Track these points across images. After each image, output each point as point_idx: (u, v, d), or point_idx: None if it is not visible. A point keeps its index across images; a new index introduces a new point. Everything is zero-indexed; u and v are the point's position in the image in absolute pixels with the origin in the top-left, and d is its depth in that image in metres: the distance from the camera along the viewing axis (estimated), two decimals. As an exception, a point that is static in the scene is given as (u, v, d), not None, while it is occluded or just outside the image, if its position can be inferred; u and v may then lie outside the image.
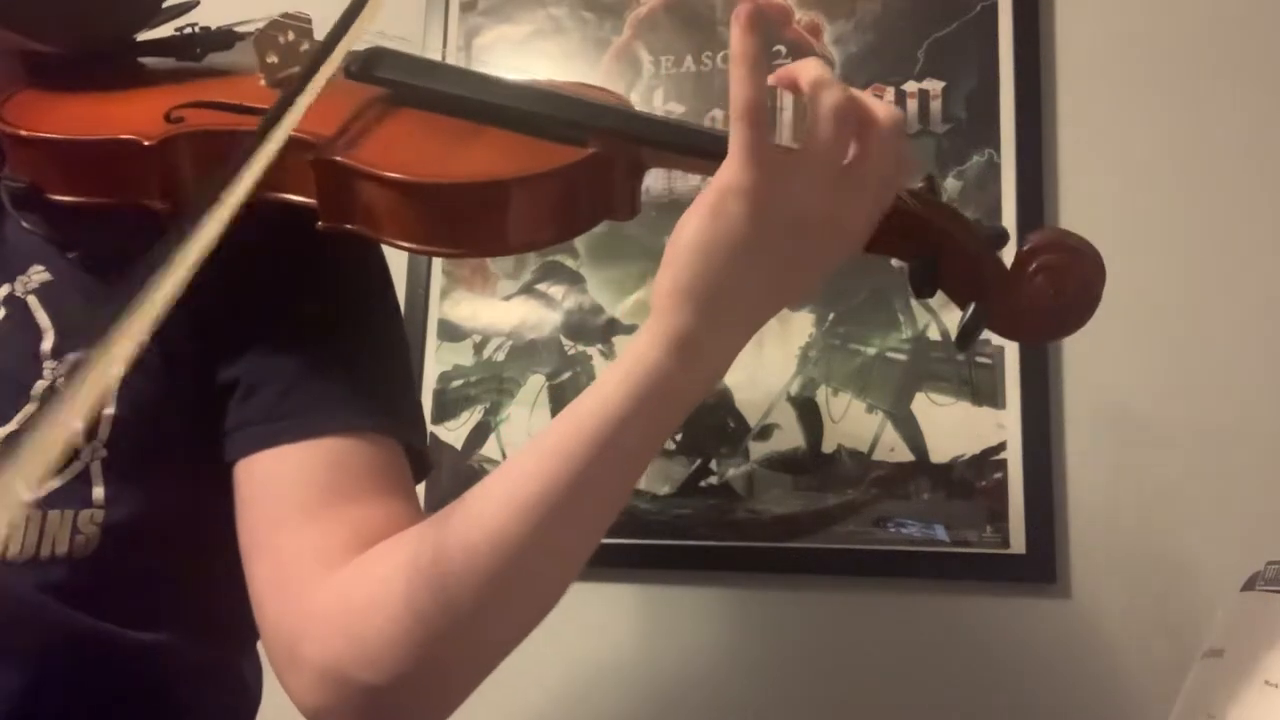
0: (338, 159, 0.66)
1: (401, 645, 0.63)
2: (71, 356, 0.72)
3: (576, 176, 0.67)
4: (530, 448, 0.64)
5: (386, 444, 0.72)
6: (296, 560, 0.67)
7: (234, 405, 0.72)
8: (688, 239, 0.61)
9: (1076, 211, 1.17)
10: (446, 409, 1.32)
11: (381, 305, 0.80)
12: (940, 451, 1.16)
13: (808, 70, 0.62)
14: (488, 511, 0.63)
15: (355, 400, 0.72)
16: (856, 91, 0.62)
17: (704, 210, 0.61)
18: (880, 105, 0.62)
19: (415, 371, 1.33)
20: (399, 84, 0.73)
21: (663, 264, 0.63)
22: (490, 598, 0.63)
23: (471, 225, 0.67)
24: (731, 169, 0.60)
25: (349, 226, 0.68)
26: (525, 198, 0.67)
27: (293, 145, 0.66)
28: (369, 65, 0.74)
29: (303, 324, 0.74)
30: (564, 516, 0.63)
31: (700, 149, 0.68)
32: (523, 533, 0.62)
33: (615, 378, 0.63)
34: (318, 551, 0.67)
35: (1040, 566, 1.11)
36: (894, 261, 0.80)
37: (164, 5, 0.82)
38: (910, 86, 1.24)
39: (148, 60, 0.81)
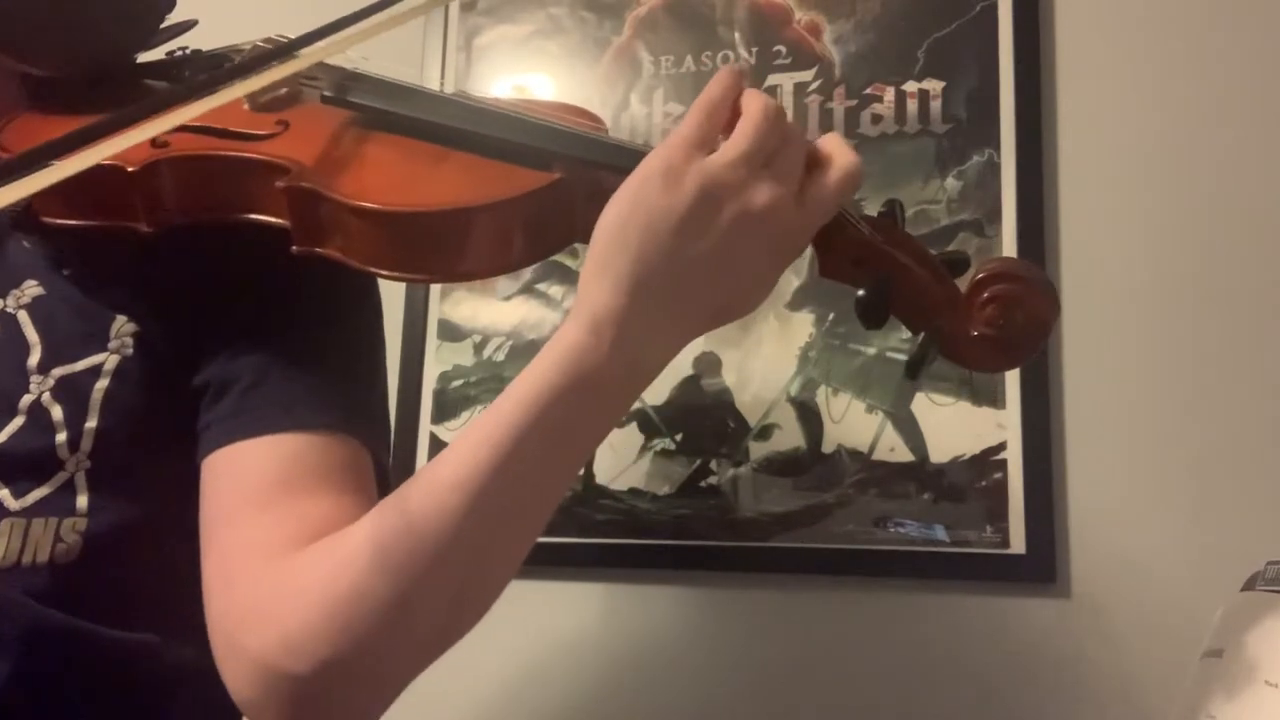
0: (307, 186, 0.68)
1: (322, 633, 0.63)
2: (57, 371, 0.74)
3: (539, 202, 0.69)
4: (464, 434, 0.64)
5: (346, 443, 0.73)
6: (242, 552, 0.68)
7: (204, 406, 0.74)
8: (608, 220, 0.62)
9: (1076, 211, 1.17)
10: (446, 409, 1.32)
11: (356, 310, 0.80)
12: (940, 451, 1.15)
13: (750, 91, 0.66)
14: (420, 503, 0.63)
15: (316, 398, 0.73)
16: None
17: (623, 191, 0.62)
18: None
19: (389, 379, 1.33)
20: (371, 109, 0.75)
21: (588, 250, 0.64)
22: (416, 589, 0.63)
23: (438, 251, 0.69)
24: (666, 147, 0.62)
25: (320, 251, 0.70)
26: (489, 224, 0.69)
27: (268, 169, 0.70)
28: (343, 90, 0.76)
29: (273, 327, 0.75)
30: (494, 504, 0.63)
31: None
32: (452, 523, 0.62)
33: (540, 363, 0.63)
34: (262, 544, 0.68)
35: (1040, 566, 1.11)
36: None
37: (162, 27, 0.83)
38: (910, 86, 1.24)
39: (148, 82, 0.82)
